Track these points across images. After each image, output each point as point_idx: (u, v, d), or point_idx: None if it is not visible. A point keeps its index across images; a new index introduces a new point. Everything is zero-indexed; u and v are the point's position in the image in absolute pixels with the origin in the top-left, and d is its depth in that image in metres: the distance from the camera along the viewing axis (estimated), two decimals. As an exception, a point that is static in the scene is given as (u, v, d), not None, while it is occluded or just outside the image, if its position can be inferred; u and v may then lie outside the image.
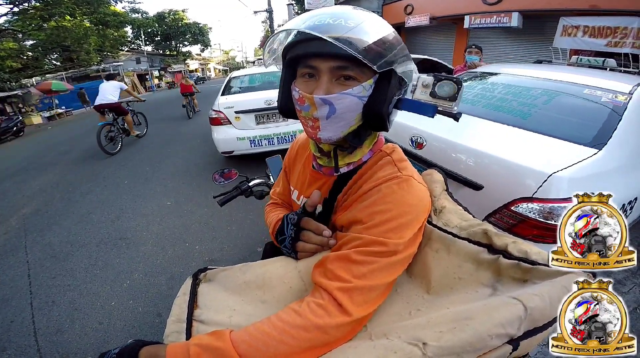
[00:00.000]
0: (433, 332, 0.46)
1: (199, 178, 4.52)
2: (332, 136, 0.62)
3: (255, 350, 0.49)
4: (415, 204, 0.60)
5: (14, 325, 2.19)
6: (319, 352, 0.51)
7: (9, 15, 17.21)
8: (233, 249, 2.82)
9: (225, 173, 1.46)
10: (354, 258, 0.55)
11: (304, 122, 0.64)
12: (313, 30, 0.53)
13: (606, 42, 6.52)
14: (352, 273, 0.54)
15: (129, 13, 29.42)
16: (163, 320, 2.11)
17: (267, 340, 0.49)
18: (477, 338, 0.44)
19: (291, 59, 0.62)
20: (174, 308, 0.60)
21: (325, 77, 0.58)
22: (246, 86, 5.14)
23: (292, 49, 0.61)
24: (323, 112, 0.59)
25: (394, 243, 0.56)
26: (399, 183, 0.61)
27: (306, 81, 0.61)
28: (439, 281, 0.60)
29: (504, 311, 0.47)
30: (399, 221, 0.57)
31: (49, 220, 3.71)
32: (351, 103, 0.59)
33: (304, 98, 0.59)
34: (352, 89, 0.58)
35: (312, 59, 0.58)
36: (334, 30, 0.53)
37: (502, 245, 0.58)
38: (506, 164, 1.45)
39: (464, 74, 2.86)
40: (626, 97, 1.71)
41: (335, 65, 0.57)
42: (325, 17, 0.56)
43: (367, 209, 0.60)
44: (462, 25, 9.96)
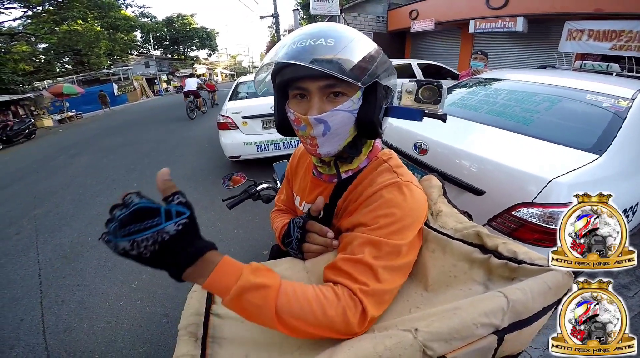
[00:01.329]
0: (425, 321, 0.50)
1: (205, 182, 4.58)
2: (330, 150, 0.66)
3: (290, 306, 0.50)
4: (415, 208, 0.64)
5: (23, 324, 2.24)
6: (331, 336, 0.53)
7: (23, 19, 17.58)
8: (240, 252, 2.85)
9: (234, 177, 1.50)
10: (368, 262, 0.57)
11: (303, 141, 0.68)
12: (294, 59, 0.56)
13: (611, 46, 6.47)
14: (368, 277, 0.56)
15: (139, 17, 29.86)
16: (170, 321, 2.15)
17: (305, 305, 0.51)
18: (463, 325, 0.47)
19: (281, 83, 0.64)
20: (190, 301, 0.64)
21: (316, 97, 0.61)
22: (253, 92, 5.19)
23: (280, 73, 0.64)
24: (319, 130, 0.62)
25: (397, 244, 0.59)
26: (399, 187, 0.64)
27: (298, 101, 0.64)
28: (436, 280, 0.63)
29: (488, 302, 0.50)
30: (402, 224, 0.61)
31: (60, 221, 3.78)
32: (344, 118, 0.62)
33: (300, 119, 0.63)
34: (343, 104, 0.61)
35: (301, 81, 0.61)
36: (317, 53, 0.56)
37: (493, 245, 0.61)
38: (507, 169, 1.47)
39: (469, 80, 2.87)
40: (628, 102, 1.72)
41: (324, 84, 0.60)
42: (305, 39, 0.58)
43: (371, 213, 0.63)
44: (467, 30, 9.94)
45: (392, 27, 13.01)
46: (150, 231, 0.41)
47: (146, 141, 7.48)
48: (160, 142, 7.33)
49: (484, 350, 0.50)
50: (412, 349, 0.47)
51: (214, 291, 0.48)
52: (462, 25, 10.32)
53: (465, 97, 2.41)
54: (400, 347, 0.46)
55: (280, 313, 0.49)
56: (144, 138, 7.92)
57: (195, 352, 0.55)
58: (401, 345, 0.47)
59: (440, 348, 0.47)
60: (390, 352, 0.46)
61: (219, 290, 0.47)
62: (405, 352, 0.46)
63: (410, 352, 0.46)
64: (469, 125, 1.98)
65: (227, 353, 0.56)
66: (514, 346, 0.55)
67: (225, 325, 0.60)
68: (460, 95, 2.51)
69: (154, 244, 0.41)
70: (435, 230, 0.69)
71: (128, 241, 0.40)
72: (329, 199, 0.75)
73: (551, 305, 0.54)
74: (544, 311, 0.53)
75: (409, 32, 11.94)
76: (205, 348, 0.56)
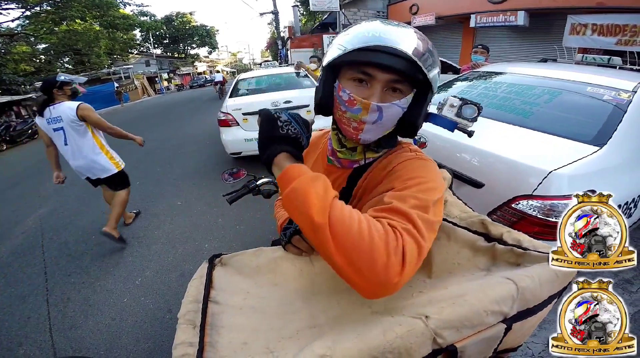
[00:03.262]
0: (435, 307, 0.49)
1: (207, 178, 4.61)
2: (371, 137, 0.68)
3: (341, 214, 0.49)
4: (438, 176, 0.66)
5: (30, 321, 2.26)
6: (360, 271, 0.46)
7: (21, 19, 17.59)
8: (241, 247, 2.80)
9: (234, 172, 1.50)
10: (403, 209, 0.54)
11: (345, 122, 0.68)
12: (395, 45, 0.59)
13: (616, 41, 6.40)
14: (405, 221, 0.52)
15: (138, 16, 29.79)
16: (173, 317, 2.16)
17: (353, 224, 0.48)
18: (474, 313, 0.48)
19: (351, 62, 0.64)
20: (190, 289, 0.64)
21: (379, 86, 0.63)
22: (253, 88, 5.19)
23: (353, 53, 0.62)
24: (372, 117, 0.64)
25: (427, 198, 0.57)
26: (420, 159, 0.69)
27: (357, 85, 0.65)
28: (440, 267, 0.64)
29: (498, 290, 0.50)
30: (428, 185, 0.60)
31: (65, 220, 3.81)
32: (396, 113, 0.65)
33: (356, 101, 0.64)
34: (400, 100, 0.64)
35: (371, 68, 0.62)
36: (404, 46, 0.59)
37: (497, 233, 0.63)
38: (506, 162, 1.47)
39: (469, 74, 2.86)
40: (629, 94, 1.70)
41: (392, 78, 0.62)
42: (395, 33, 0.61)
43: (397, 180, 0.63)
44: (468, 25, 9.89)
45: (392, 22, 12.94)
46: (297, 125, 0.63)
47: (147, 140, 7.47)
48: (164, 140, 7.35)
49: (491, 339, 0.50)
50: (424, 337, 0.46)
51: (289, 173, 0.55)
52: (463, 19, 10.26)
53: (465, 91, 2.40)
54: (412, 335, 0.46)
55: (333, 212, 0.49)
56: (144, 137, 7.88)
57: (194, 339, 0.55)
58: (413, 333, 0.46)
59: (451, 337, 0.47)
60: (402, 340, 0.45)
61: (296, 173, 0.55)
62: (416, 340, 0.46)
63: (422, 340, 0.46)
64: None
65: (226, 340, 0.56)
66: (516, 337, 0.55)
67: (224, 313, 0.60)
68: (460, 88, 2.50)
69: (294, 131, 0.62)
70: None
71: (288, 116, 0.63)
72: (346, 182, 0.77)
73: (555, 293, 0.54)
74: (549, 300, 0.54)
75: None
76: (204, 335, 0.56)
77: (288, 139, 0.62)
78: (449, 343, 0.47)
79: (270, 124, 0.62)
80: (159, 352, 1.93)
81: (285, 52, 19.27)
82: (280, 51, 19.89)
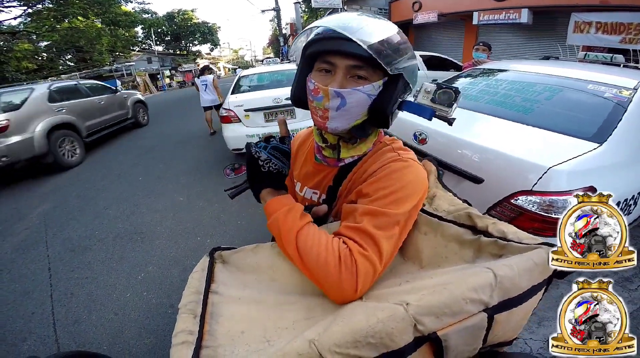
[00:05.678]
0: (416, 295, 0.51)
1: (209, 175, 4.63)
2: (338, 126, 0.68)
3: (304, 244, 0.61)
4: (414, 181, 0.67)
5: (34, 316, 2.29)
6: (321, 283, 0.60)
7: (23, 17, 17.59)
8: (242, 243, 2.81)
9: (236, 168, 1.51)
10: (369, 230, 0.61)
11: (313, 112, 0.70)
12: (344, 30, 0.60)
13: (620, 39, 6.34)
14: (369, 243, 0.60)
15: (139, 13, 29.75)
16: (175, 312, 2.17)
17: (314, 251, 0.60)
18: (453, 300, 0.48)
19: (312, 53, 0.68)
20: (191, 281, 0.65)
21: (340, 73, 0.64)
22: (255, 85, 5.19)
23: (314, 45, 0.67)
24: (334, 103, 0.65)
25: (395, 213, 0.62)
26: (400, 162, 0.69)
27: (323, 75, 0.67)
28: (429, 262, 0.65)
29: (477, 278, 0.51)
30: (398, 195, 0.64)
31: (67, 216, 3.83)
32: (360, 99, 0.65)
33: (319, 89, 0.66)
34: (363, 86, 0.65)
35: (332, 56, 0.65)
36: (358, 34, 0.60)
37: (483, 225, 0.64)
38: (506, 157, 1.48)
39: (470, 71, 2.86)
40: (630, 92, 1.71)
41: (352, 64, 0.64)
42: (351, 21, 0.63)
43: (372, 185, 0.67)
44: (471, 22, 9.83)
45: (394, 19, 12.87)
46: (279, 162, 0.70)
47: (149, 137, 7.51)
48: (166, 137, 7.36)
49: (475, 329, 0.51)
50: (404, 323, 0.47)
51: (269, 208, 0.68)
52: (465, 17, 10.21)
53: (466, 88, 2.40)
54: (392, 320, 0.47)
55: (298, 242, 0.61)
56: (146, 134, 7.97)
57: (193, 328, 0.56)
58: (393, 318, 0.47)
59: (431, 324, 0.48)
60: (383, 324, 0.46)
61: (274, 207, 0.67)
62: (397, 325, 0.47)
63: (402, 325, 0.47)
64: (469, 115, 1.98)
65: (224, 329, 0.57)
66: (505, 330, 0.55)
67: (224, 303, 0.61)
68: (461, 85, 2.50)
69: (274, 167, 0.69)
70: (428, 213, 0.71)
71: (267, 155, 0.69)
72: (332, 181, 0.79)
73: (540, 284, 0.55)
74: (534, 291, 0.54)
75: (412, 24, 11.82)
76: (204, 324, 0.57)
77: (270, 175, 0.69)
78: (430, 330, 0.48)
79: (252, 164, 0.70)
80: (162, 346, 1.95)
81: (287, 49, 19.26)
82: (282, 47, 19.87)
